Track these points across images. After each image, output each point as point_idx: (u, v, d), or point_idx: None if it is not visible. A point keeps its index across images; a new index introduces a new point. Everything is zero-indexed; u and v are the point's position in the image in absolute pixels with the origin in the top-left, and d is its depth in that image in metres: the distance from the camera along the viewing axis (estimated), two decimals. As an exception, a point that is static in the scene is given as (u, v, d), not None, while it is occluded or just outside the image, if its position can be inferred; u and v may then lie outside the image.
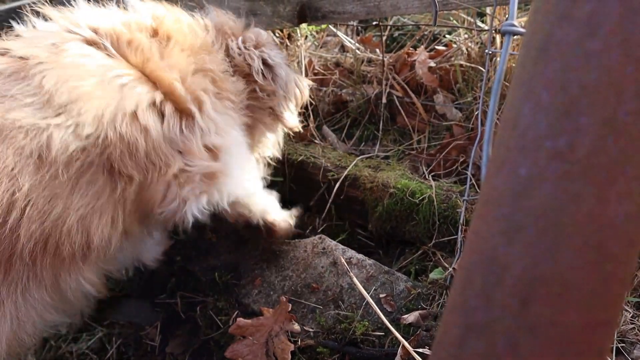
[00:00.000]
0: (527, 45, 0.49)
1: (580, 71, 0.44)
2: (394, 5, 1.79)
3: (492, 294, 0.44)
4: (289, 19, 2.00)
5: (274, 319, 1.43)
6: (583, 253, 0.43)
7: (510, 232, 0.45)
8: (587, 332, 0.44)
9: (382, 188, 1.78)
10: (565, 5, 0.46)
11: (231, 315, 1.59)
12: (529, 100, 0.46)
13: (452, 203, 1.66)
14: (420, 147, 2.11)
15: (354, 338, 1.37)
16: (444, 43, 2.41)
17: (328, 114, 2.39)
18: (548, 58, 0.46)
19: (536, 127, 0.45)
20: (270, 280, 1.62)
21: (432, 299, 1.42)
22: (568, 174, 0.43)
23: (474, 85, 2.14)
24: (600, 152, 0.43)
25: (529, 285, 0.43)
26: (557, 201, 0.44)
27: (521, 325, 0.43)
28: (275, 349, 1.38)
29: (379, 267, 1.56)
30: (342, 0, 1.88)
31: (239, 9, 2.05)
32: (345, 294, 1.50)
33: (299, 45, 2.34)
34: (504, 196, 0.46)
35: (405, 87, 2.25)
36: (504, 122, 0.49)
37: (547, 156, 0.44)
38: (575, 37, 0.44)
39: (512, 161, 0.46)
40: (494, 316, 0.44)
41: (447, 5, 1.70)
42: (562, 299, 0.43)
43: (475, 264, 0.47)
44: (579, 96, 0.44)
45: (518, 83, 0.49)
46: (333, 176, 1.89)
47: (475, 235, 0.48)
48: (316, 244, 1.66)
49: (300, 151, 2.01)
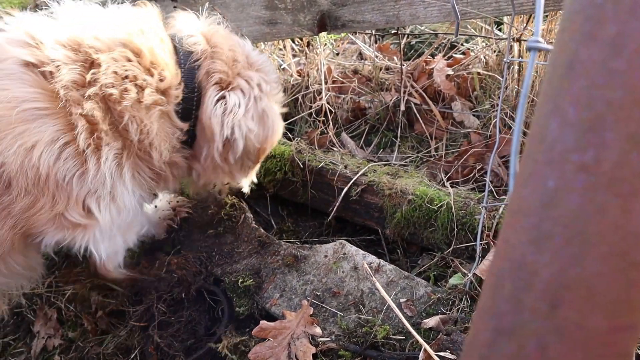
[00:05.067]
0: (554, 63, 0.52)
1: (605, 89, 0.46)
2: (413, 15, 1.83)
3: (521, 299, 0.47)
4: (309, 28, 2.04)
5: (296, 322, 1.47)
6: (608, 260, 0.46)
7: (538, 240, 0.47)
8: (612, 335, 0.47)
9: (401, 195, 1.80)
10: (591, 26, 0.48)
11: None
12: (556, 116, 0.49)
13: (470, 210, 1.68)
14: (438, 154, 2.14)
15: (375, 342, 1.39)
16: (461, 51, 2.44)
17: (347, 121, 2.42)
18: (574, 76, 0.49)
19: (563, 141, 0.48)
20: (292, 285, 1.65)
21: (452, 304, 1.44)
22: (594, 186, 0.46)
23: (491, 93, 2.16)
24: (624, 165, 0.45)
25: (557, 290, 0.45)
26: (583, 211, 0.46)
27: (550, 328, 0.45)
28: (297, 352, 1.41)
29: (399, 272, 1.58)
30: (361, 10, 1.91)
31: (260, 18, 2.10)
32: (366, 298, 1.53)
33: (318, 53, 2.37)
34: (532, 206, 0.49)
35: (423, 95, 2.28)
36: (531, 136, 0.52)
37: (574, 169, 0.47)
38: (600, 57, 0.47)
39: (540, 173, 0.49)
40: (523, 319, 0.47)
41: (466, 14, 1.73)
42: (588, 304, 0.45)
43: (505, 270, 0.49)
44: (605, 113, 0.46)
45: (545, 99, 0.51)
46: (350, 182, 1.92)
47: (504, 243, 0.51)
48: (337, 249, 1.70)
49: (320, 158, 2.04)
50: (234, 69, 1.50)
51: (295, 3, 2.01)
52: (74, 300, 1.93)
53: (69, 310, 1.90)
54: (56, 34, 1.29)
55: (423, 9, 1.79)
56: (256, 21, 2.12)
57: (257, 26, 2.13)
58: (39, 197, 1.31)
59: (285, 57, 2.61)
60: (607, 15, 0.46)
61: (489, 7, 1.69)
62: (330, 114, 2.33)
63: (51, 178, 1.28)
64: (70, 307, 1.90)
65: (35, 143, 1.23)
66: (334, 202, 1.96)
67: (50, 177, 1.27)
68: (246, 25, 2.13)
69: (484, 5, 1.69)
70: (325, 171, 1.99)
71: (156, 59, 1.36)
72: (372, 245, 1.99)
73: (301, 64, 2.65)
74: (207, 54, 1.47)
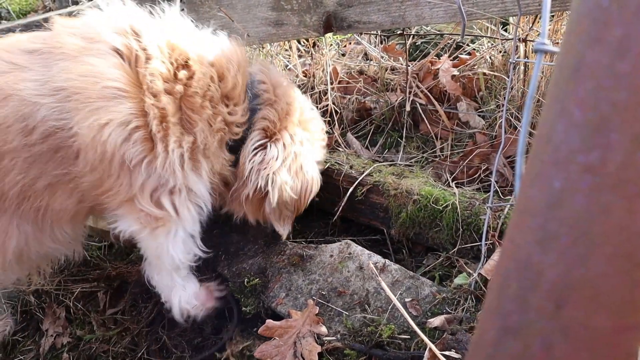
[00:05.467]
0: (561, 65, 0.52)
1: (611, 91, 0.47)
2: (419, 15, 1.83)
3: (527, 298, 0.47)
4: (315, 29, 2.05)
5: (302, 321, 1.47)
6: (613, 261, 0.46)
7: (544, 241, 0.48)
8: (617, 335, 0.47)
9: (406, 195, 1.81)
10: (597, 29, 0.49)
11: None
12: (562, 117, 0.50)
13: (476, 210, 1.68)
14: (443, 155, 2.14)
15: (380, 341, 1.40)
16: (467, 51, 2.44)
17: (352, 122, 2.43)
18: (580, 78, 0.49)
19: (569, 142, 0.48)
20: (298, 284, 1.66)
21: (457, 303, 1.45)
22: (599, 187, 0.46)
23: (497, 94, 2.16)
24: (629, 166, 0.46)
25: (563, 290, 0.46)
26: (589, 212, 0.47)
27: (555, 328, 0.46)
28: (302, 351, 1.42)
29: (404, 271, 1.59)
30: (367, 11, 1.92)
31: (266, 19, 2.10)
32: (371, 297, 1.54)
33: (323, 54, 2.38)
34: (538, 207, 0.49)
35: (429, 95, 2.28)
36: (538, 137, 0.52)
37: (580, 170, 0.47)
38: (606, 59, 0.47)
39: (546, 174, 0.49)
40: (529, 319, 0.47)
41: (472, 15, 1.73)
42: (593, 304, 0.46)
43: (511, 270, 0.50)
44: (610, 114, 0.47)
45: (552, 100, 0.52)
46: (356, 182, 1.93)
47: (510, 243, 0.51)
48: (342, 249, 1.70)
49: (326, 158, 2.05)
50: (283, 122, 1.61)
51: (302, 4, 2.01)
52: (82, 298, 1.95)
53: (77, 309, 1.92)
54: (155, 32, 1.41)
55: (429, 9, 1.79)
56: (262, 22, 2.13)
57: (263, 27, 2.14)
58: (104, 177, 1.37)
59: (291, 57, 2.62)
60: (613, 18, 0.47)
61: (495, 8, 1.69)
62: (335, 114, 2.34)
63: (116, 158, 1.34)
64: (79, 306, 1.92)
65: (109, 121, 1.30)
66: (340, 202, 1.96)
67: (116, 157, 1.34)
68: (253, 26, 2.14)
69: (490, 5, 1.69)
70: (331, 171, 1.99)
71: (233, 92, 1.49)
72: (378, 245, 1.99)
73: (307, 64, 2.66)
74: (269, 102, 1.60)
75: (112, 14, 1.43)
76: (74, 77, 1.29)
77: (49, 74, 1.32)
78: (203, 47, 1.47)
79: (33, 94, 1.29)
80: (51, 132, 1.32)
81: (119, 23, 1.39)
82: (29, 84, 1.30)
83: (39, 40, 1.38)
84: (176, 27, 1.48)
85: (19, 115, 1.30)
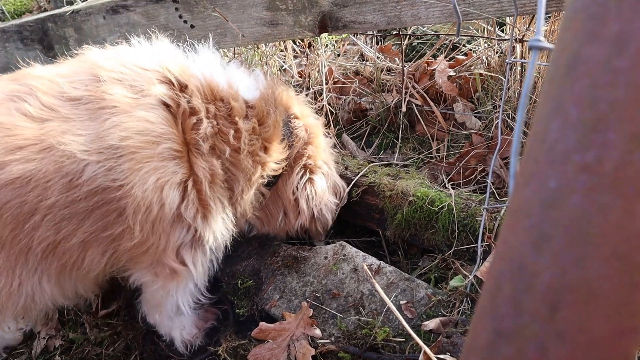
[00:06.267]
0: (556, 62, 0.51)
1: (608, 88, 0.46)
2: (415, 16, 1.82)
3: (521, 301, 0.46)
4: (310, 29, 2.04)
5: (295, 323, 1.46)
6: (610, 263, 0.45)
7: (539, 242, 0.46)
8: (613, 338, 0.46)
9: (402, 196, 1.79)
10: (594, 25, 0.47)
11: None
12: (557, 115, 0.48)
13: (472, 212, 1.67)
14: (439, 156, 2.13)
15: (374, 344, 1.38)
16: (463, 52, 2.43)
17: (348, 122, 2.42)
18: (577, 75, 0.48)
19: (565, 141, 0.47)
20: (292, 286, 1.64)
21: (452, 306, 1.43)
22: (596, 187, 0.45)
23: (493, 94, 2.16)
24: (627, 165, 0.44)
25: (558, 292, 0.45)
26: (585, 212, 0.45)
27: (550, 331, 0.45)
28: (296, 353, 1.40)
29: (399, 273, 1.57)
30: (363, 11, 1.91)
31: (261, 19, 2.09)
32: (366, 300, 1.52)
33: (319, 54, 2.37)
34: (533, 207, 0.48)
35: (425, 96, 2.27)
36: (532, 136, 0.51)
37: (576, 169, 0.46)
38: (603, 55, 0.46)
39: (541, 173, 0.48)
40: (523, 322, 0.46)
41: (468, 15, 1.72)
42: (590, 306, 0.45)
43: (505, 272, 0.48)
44: (607, 112, 0.45)
45: (547, 98, 0.51)
46: (351, 183, 1.91)
47: (504, 244, 0.50)
48: (337, 251, 1.69)
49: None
50: (319, 155, 1.76)
51: (297, 4, 2.00)
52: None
53: (69, 311, 1.90)
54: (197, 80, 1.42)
55: (425, 9, 1.78)
56: (257, 22, 2.11)
57: (258, 27, 2.12)
58: (149, 234, 1.35)
59: (287, 58, 2.61)
60: (610, 13, 0.45)
61: (491, 8, 1.68)
62: (331, 115, 2.32)
63: (168, 218, 1.34)
64: (72, 308, 1.90)
65: (167, 182, 1.30)
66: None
67: (168, 217, 1.34)
68: (247, 27, 2.13)
69: (486, 5, 1.68)
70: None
71: (273, 135, 1.55)
72: (373, 246, 1.98)
73: (302, 65, 2.65)
74: (303, 140, 1.70)
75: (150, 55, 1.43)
76: (129, 135, 1.25)
77: (99, 129, 1.26)
78: (244, 90, 1.51)
79: (81, 150, 1.23)
80: (98, 190, 1.26)
81: (164, 71, 1.38)
82: (76, 137, 1.24)
83: (81, 86, 1.33)
84: (214, 71, 1.48)
85: (63, 171, 1.23)
